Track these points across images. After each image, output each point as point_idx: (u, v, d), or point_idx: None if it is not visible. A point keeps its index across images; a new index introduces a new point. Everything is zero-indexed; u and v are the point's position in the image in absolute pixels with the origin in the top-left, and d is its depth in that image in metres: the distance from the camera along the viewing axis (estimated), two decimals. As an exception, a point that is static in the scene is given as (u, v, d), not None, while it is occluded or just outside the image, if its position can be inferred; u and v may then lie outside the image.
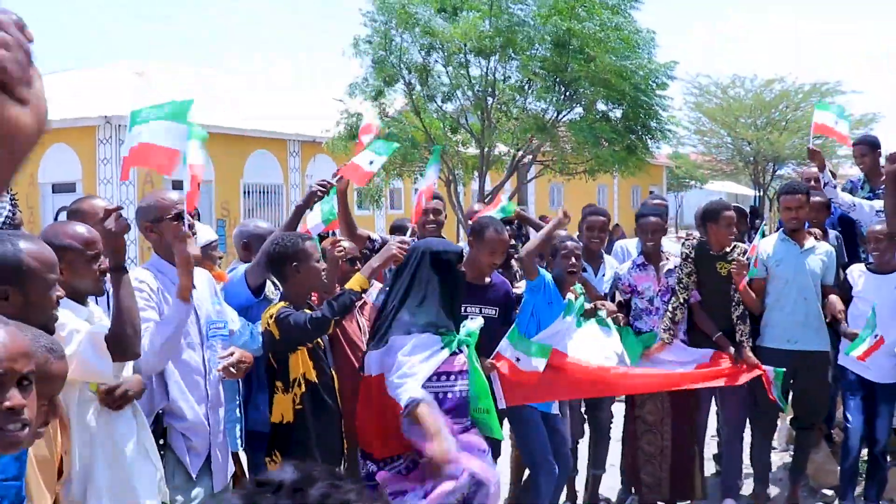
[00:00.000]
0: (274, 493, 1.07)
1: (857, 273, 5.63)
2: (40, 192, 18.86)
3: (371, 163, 5.19)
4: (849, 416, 5.54)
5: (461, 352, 4.14)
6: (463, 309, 4.46)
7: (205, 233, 4.67)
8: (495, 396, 4.62)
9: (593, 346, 5.20)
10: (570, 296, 5.14)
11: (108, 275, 3.22)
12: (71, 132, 17.90)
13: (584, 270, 5.61)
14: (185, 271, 3.48)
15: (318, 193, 4.79)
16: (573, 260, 5.14)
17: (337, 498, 1.07)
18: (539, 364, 4.93)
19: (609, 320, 5.34)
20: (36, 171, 19.42)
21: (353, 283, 4.05)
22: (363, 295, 4.24)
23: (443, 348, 3.99)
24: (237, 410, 4.30)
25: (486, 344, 4.70)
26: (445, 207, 5.95)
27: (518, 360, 4.92)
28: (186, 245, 3.49)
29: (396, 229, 6.46)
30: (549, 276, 5.10)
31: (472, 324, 4.45)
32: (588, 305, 5.27)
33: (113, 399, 3.20)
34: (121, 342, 3.06)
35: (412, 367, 3.83)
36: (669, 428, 5.60)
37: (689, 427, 5.68)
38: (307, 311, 4.09)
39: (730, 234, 5.58)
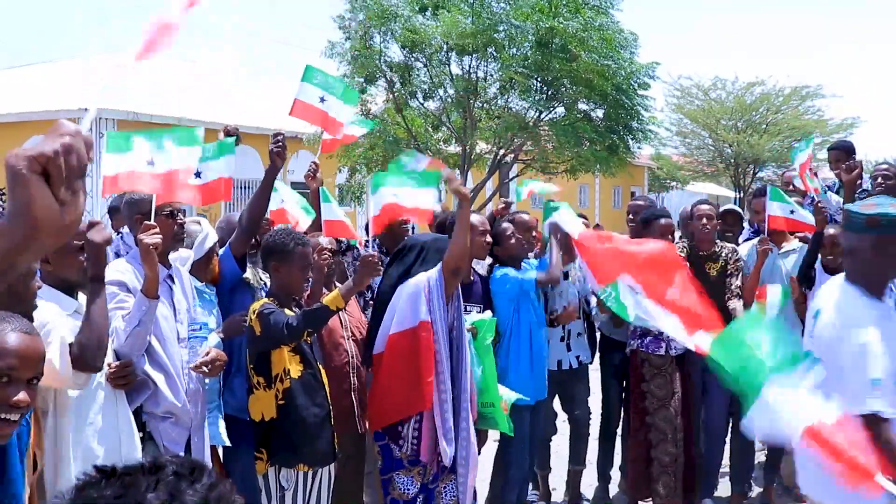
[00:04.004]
0: (106, 479, 1.03)
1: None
2: (18, 185, 18.69)
3: (322, 100, 5.10)
4: None
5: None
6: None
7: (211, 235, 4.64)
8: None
9: None
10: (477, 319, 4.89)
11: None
12: (51, 124, 17.74)
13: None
14: (149, 263, 3.51)
15: (275, 150, 4.55)
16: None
17: (169, 487, 1.01)
18: None
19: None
20: (14, 163, 19.26)
21: (330, 301, 4.01)
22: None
23: None
24: (219, 407, 4.29)
25: None
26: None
27: None
28: (150, 237, 3.50)
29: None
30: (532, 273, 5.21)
31: (481, 315, 4.60)
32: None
33: (119, 377, 3.40)
34: (84, 352, 3.07)
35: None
36: (682, 435, 5.58)
37: (695, 430, 5.75)
38: (292, 310, 4.10)
39: (704, 230, 5.66)
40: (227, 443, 4.26)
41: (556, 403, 5.95)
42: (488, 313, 4.86)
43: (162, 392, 3.70)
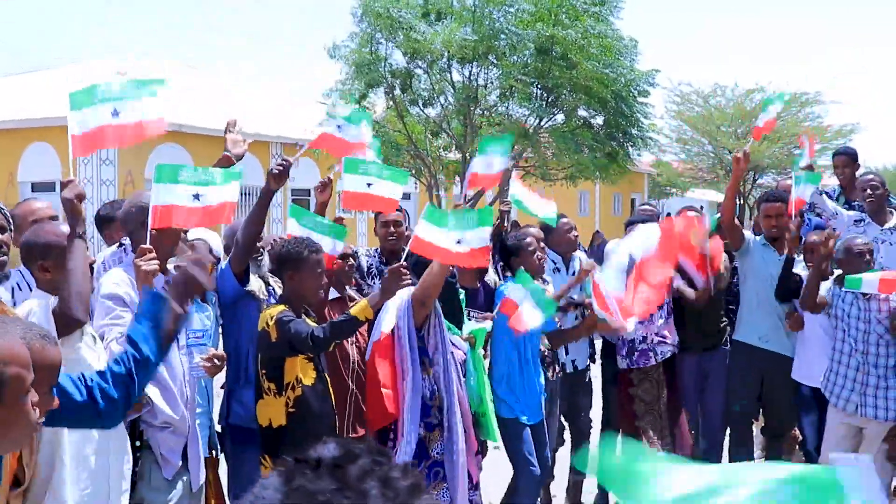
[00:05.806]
0: (313, 471, 1.04)
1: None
2: (19, 191, 18.71)
3: (339, 127, 4.98)
4: (806, 433, 5.62)
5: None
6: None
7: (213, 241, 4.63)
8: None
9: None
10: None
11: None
12: (52, 131, 17.76)
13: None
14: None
15: (275, 171, 4.39)
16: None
17: (378, 474, 1.03)
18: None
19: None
20: (15, 169, 19.28)
21: (359, 311, 3.96)
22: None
23: None
24: (207, 416, 4.29)
25: None
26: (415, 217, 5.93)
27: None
28: (148, 264, 3.47)
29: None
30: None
31: (479, 325, 4.58)
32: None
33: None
34: (64, 305, 3.08)
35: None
36: (670, 438, 5.70)
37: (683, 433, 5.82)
38: (306, 318, 4.09)
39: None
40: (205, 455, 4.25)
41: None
42: (488, 323, 4.85)
43: (158, 406, 3.70)
